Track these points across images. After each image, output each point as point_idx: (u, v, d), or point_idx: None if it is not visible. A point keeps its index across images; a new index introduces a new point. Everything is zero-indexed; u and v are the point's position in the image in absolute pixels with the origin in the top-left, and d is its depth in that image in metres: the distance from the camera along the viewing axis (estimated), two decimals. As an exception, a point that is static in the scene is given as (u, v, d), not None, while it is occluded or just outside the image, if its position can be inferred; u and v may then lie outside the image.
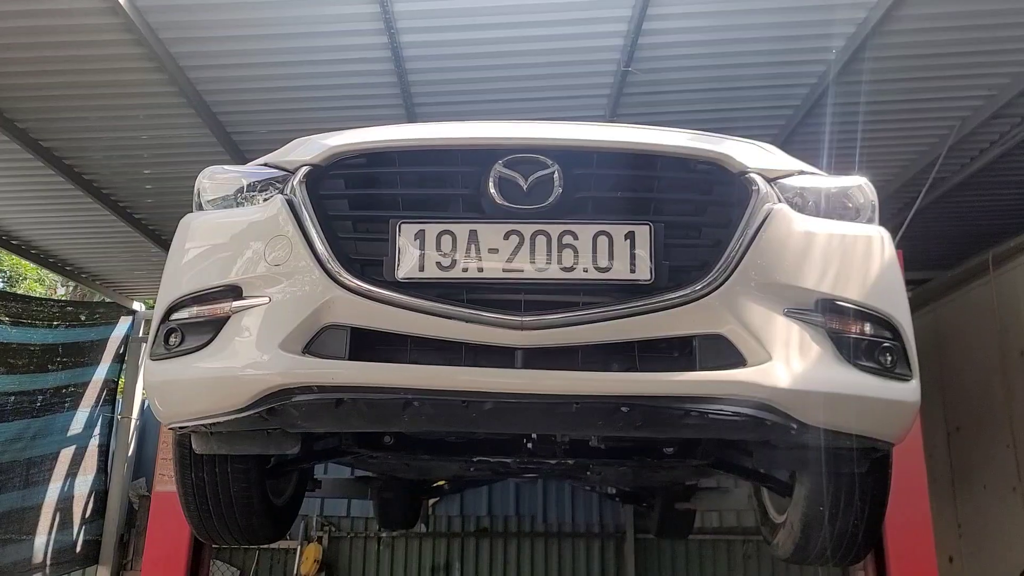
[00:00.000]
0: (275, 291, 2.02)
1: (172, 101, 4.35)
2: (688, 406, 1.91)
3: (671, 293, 1.91)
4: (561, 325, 1.90)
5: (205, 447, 2.44)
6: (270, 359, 1.95)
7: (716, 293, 1.92)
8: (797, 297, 2.00)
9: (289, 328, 1.96)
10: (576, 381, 1.90)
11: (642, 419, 1.97)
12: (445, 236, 1.95)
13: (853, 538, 2.58)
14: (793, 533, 2.65)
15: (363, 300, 1.94)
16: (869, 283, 2.12)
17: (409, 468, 3.97)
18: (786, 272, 2.00)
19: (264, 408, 1.99)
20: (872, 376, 2.04)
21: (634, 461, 2.87)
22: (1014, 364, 5.58)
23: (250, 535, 2.79)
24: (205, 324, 2.09)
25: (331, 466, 6.18)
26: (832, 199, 2.20)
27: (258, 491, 2.68)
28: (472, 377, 1.91)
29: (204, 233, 2.23)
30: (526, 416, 2.03)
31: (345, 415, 2.05)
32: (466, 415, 1.99)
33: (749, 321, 1.93)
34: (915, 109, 4.58)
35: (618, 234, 1.94)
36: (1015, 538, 5.55)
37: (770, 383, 1.89)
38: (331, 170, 2.08)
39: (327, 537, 7.84)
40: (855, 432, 2.07)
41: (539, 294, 1.96)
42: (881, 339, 2.08)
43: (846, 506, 2.51)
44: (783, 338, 1.96)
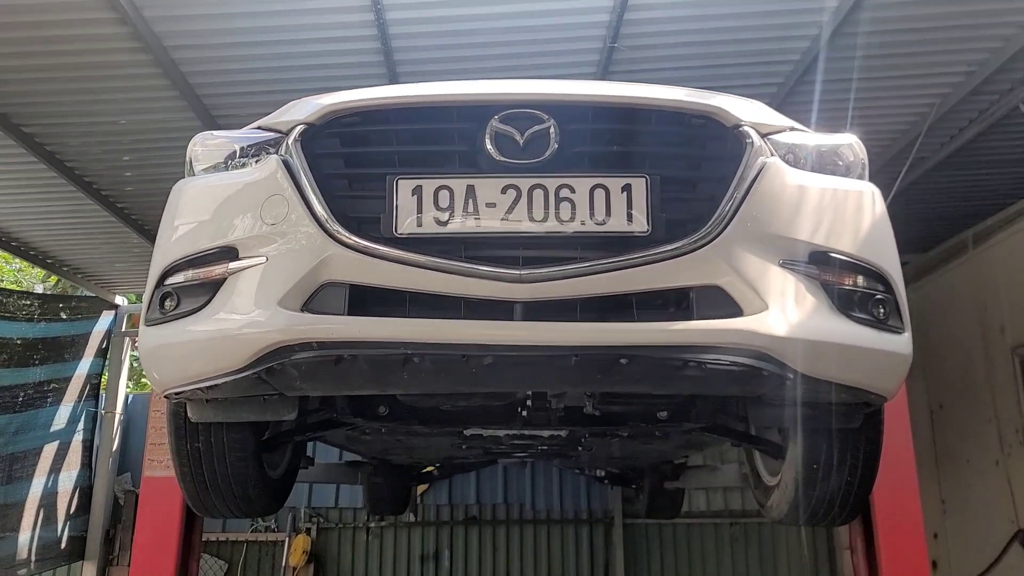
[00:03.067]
0: (272, 250, 2.01)
1: (155, 83, 4.32)
2: (687, 356, 1.93)
3: (668, 245, 1.92)
4: (560, 278, 1.91)
5: (201, 415, 2.44)
6: (269, 317, 1.94)
7: (712, 245, 1.94)
8: (792, 249, 2.02)
9: (287, 286, 1.95)
10: (575, 332, 1.91)
11: (641, 371, 1.98)
12: (443, 191, 1.95)
13: (846, 496, 2.61)
14: (787, 493, 2.68)
15: (361, 256, 1.93)
16: (861, 236, 2.15)
17: (401, 447, 3.98)
18: (781, 224, 2.02)
19: (263, 368, 1.98)
20: (866, 328, 2.06)
21: (628, 428, 2.89)
22: (995, 340, 5.67)
23: (246, 506, 2.77)
24: (201, 287, 2.08)
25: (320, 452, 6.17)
26: (823, 156, 2.23)
27: (254, 461, 2.67)
28: (472, 330, 1.91)
29: (197, 197, 2.21)
30: (525, 371, 2.04)
31: (345, 373, 2.05)
32: (466, 370, 2.00)
33: (745, 272, 1.95)
34: (897, 87, 4.63)
35: (615, 187, 1.95)
36: (998, 512, 5.63)
37: (767, 331, 1.91)
38: (326, 129, 2.07)
39: (315, 528, 7.84)
40: (849, 383, 2.09)
41: (537, 249, 1.96)
42: (874, 291, 2.10)
43: (839, 463, 2.54)
44: (779, 289, 1.98)
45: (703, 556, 7.80)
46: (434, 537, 7.89)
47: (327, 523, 7.89)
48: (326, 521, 7.89)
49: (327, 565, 7.80)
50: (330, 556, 7.82)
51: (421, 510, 7.91)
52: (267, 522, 7.87)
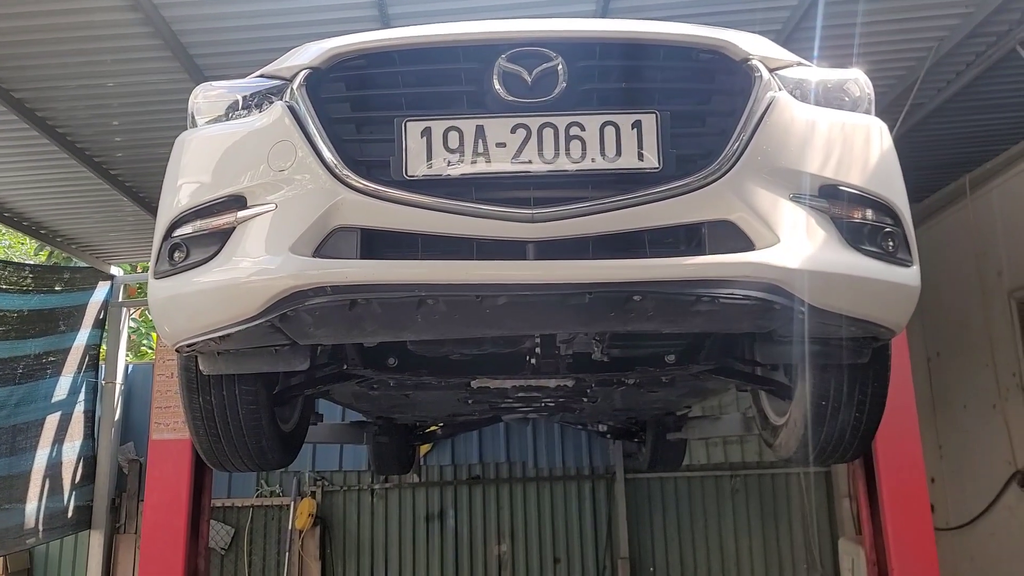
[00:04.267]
0: (281, 197, 2.00)
1: (145, 43, 4.25)
2: (699, 291, 1.93)
3: (679, 181, 1.92)
4: (571, 216, 1.90)
5: (212, 367, 2.44)
6: (281, 263, 1.94)
7: (723, 179, 1.94)
8: (802, 182, 2.02)
9: (298, 232, 1.94)
10: (589, 269, 1.91)
11: (654, 308, 1.99)
12: (452, 132, 1.94)
13: (854, 432, 2.64)
14: (796, 431, 2.71)
15: (372, 200, 1.93)
16: (870, 170, 2.15)
17: (407, 403, 4.00)
18: (791, 158, 2.02)
19: (277, 315, 1.98)
20: (875, 260, 2.08)
21: (636, 374, 2.90)
22: (992, 285, 5.70)
23: (260, 459, 2.79)
24: (210, 236, 2.07)
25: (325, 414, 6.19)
26: (830, 90, 2.23)
27: (267, 414, 2.68)
28: (485, 270, 1.91)
29: (202, 147, 2.20)
30: (539, 311, 2.05)
31: (358, 318, 2.05)
32: (480, 312, 2.00)
33: (756, 206, 1.95)
34: (895, 31, 4.60)
35: (625, 124, 1.94)
36: (995, 455, 5.72)
37: (779, 263, 1.92)
38: (331, 73, 2.06)
39: (320, 491, 7.91)
40: (859, 316, 2.10)
41: (548, 188, 1.96)
42: (883, 224, 2.11)
43: (848, 398, 2.56)
44: (790, 222, 1.98)
45: (704, 508, 7.92)
46: (438, 497, 7.97)
47: (332, 486, 7.96)
48: (331, 484, 7.96)
49: (333, 528, 7.88)
50: (336, 519, 7.90)
51: (424, 471, 7.98)
52: (272, 486, 7.93)
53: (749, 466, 7.97)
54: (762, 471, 7.95)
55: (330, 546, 7.81)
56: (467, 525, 7.91)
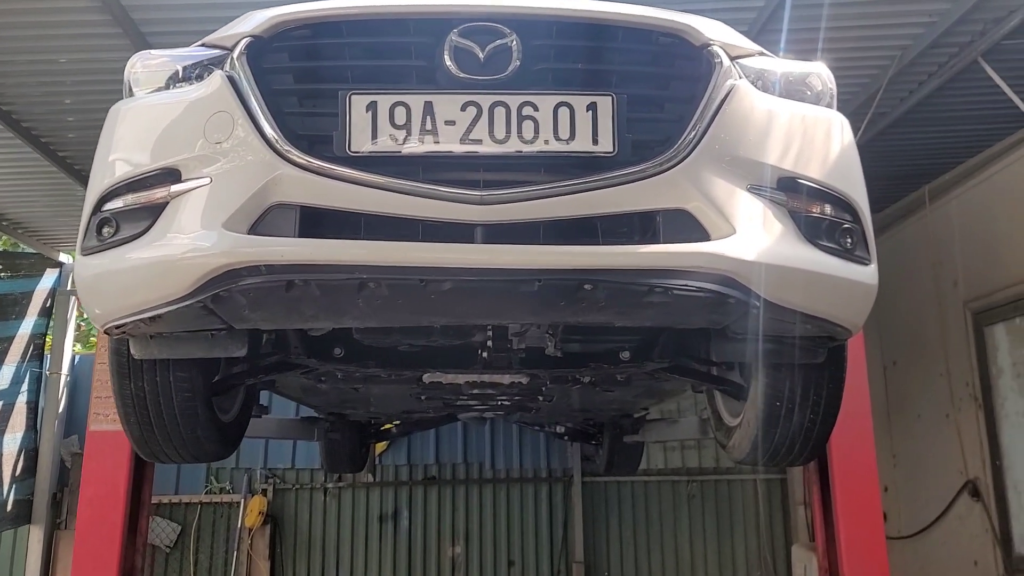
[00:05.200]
0: (217, 171, 1.91)
1: (96, 18, 4.10)
2: (652, 281, 1.87)
3: (634, 167, 1.87)
4: (522, 200, 1.84)
5: (145, 351, 2.33)
6: (214, 239, 1.84)
7: (680, 167, 1.89)
8: (760, 173, 1.98)
9: (233, 207, 1.86)
10: (538, 255, 1.84)
11: (605, 298, 1.93)
12: (399, 108, 1.86)
13: (808, 435, 2.60)
14: (749, 431, 2.66)
15: (312, 176, 1.85)
16: (830, 164, 2.12)
17: (358, 398, 3.90)
18: (749, 148, 1.98)
19: (209, 295, 1.89)
20: (833, 257, 2.04)
21: (590, 371, 2.84)
22: (948, 295, 5.75)
23: (196, 450, 2.67)
24: (142, 211, 1.97)
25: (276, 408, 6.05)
26: (792, 82, 2.19)
27: (203, 402, 2.56)
28: (430, 253, 1.83)
29: (136, 118, 2.09)
30: (486, 299, 1.97)
31: (296, 301, 1.96)
32: (424, 298, 1.92)
33: (713, 195, 1.90)
34: (859, 37, 4.61)
35: (580, 105, 1.87)
36: (948, 464, 5.76)
37: (734, 255, 1.87)
38: (274, 42, 1.96)
39: (272, 489, 7.76)
40: (814, 313, 2.06)
41: (499, 170, 1.89)
42: (841, 220, 2.08)
43: (802, 400, 2.52)
44: (746, 214, 1.93)
45: (661, 513, 7.89)
46: (393, 497, 7.85)
47: (284, 484, 7.80)
48: (282, 482, 7.80)
49: (284, 526, 7.72)
50: (287, 517, 7.74)
51: (379, 470, 7.86)
52: (222, 483, 7.75)
53: (706, 472, 7.97)
54: (719, 477, 7.95)
55: (280, 545, 7.65)
56: (421, 526, 7.80)
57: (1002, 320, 5.18)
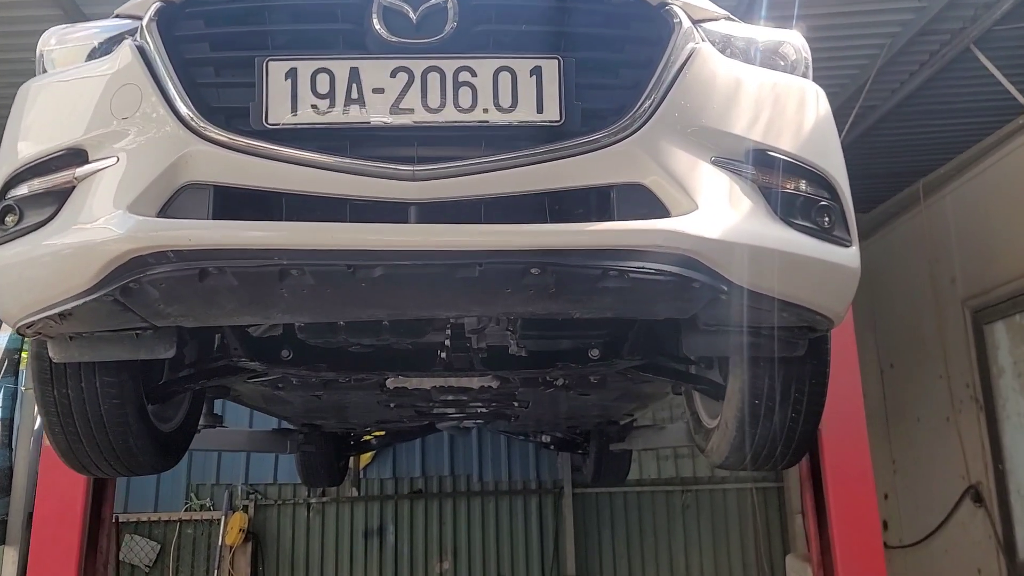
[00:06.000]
0: (124, 149, 1.73)
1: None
2: (606, 262, 1.69)
3: (584, 137, 1.70)
4: (459, 175, 1.67)
5: (64, 354, 2.13)
6: (116, 223, 1.66)
7: (635, 137, 1.71)
8: (725, 144, 1.80)
9: (139, 188, 1.68)
10: (478, 235, 1.66)
11: (555, 283, 1.74)
12: (321, 75, 1.68)
13: (791, 435, 2.41)
14: (728, 433, 2.46)
15: (226, 152, 1.67)
16: (804, 136, 1.94)
17: (325, 407, 3.72)
18: (713, 116, 1.80)
19: (116, 286, 1.71)
20: (809, 237, 1.86)
21: (559, 370, 2.64)
22: (945, 292, 5.56)
23: (129, 461, 2.47)
24: (46, 196, 1.80)
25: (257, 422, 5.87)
26: (763, 51, 2.02)
27: (134, 409, 2.36)
28: (357, 235, 1.65)
29: (44, 97, 1.93)
30: (423, 287, 1.78)
31: (213, 293, 1.77)
32: (354, 287, 1.74)
33: (672, 168, 1.73)
34: (845, 24, 4.44)
35: (523, 70, 1.70)
36: (949, 469, 5.56)
37: (696, 232, 1.69)
38: (187, 7, 1.79)
39: (253, 505, 7.60)
40: (791, 299, 1.88)
41: (434, 145, 1.71)
42: (817, 197, 1.90)
43: (783, 398, 2.33)
44: (710, 188, 1.76)
45: (654, 524, 7.74)
46: (378, 512, 7.69)
47: (265, 500, 7.64)
48: (264, 498, 7.64)
49: (266, 543, 7.53)
50: (269, 534, 7.55)
51: (364, 484, 7.72)
52: (202, 500, 7.55)
53: (700, 481, 7.81)
54: (713, 486, 7.78)
55: (263, 563, 7.44)
56: (408, 541, 7.64)
57: (1001, 318, 5.00)
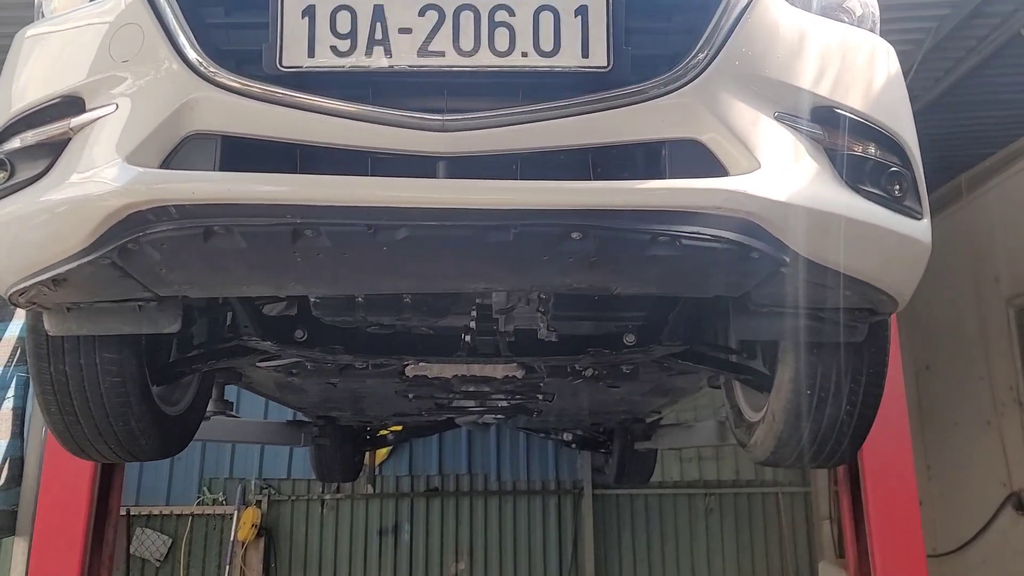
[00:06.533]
0: (124, 95, 1.58)
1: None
2: (657, 226, 1.52)
3: (634, 86, 1.53)
4: (494, 125, 1.51)
5: (61, 327, 1.98)
6: (113, 175, 1.51)
7: (692, 86, 1.54)
8: (789, 99, 1.63)
9: (140, 137, 1.53)
10: (515, 192, 1.49)
11: (597, 250, 1.57)
12: (342, 12, 1.52)
13: (843, 431, 2.22)
14: (774, 427, 2.27)
15: (236, 99, 1.52)
16: (874, 94, 1.76)
17: (341, 397, 3.56)
18: (776, 67, 1.63)
19: (113, 246, 1.56)
20: (878, 206, 1.69)
21: (590, 357, 2.46)
22: (989, 291, 5.33)
23: (131, 446, 2.31)
24: (40, 149, 1.65)
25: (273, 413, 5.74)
26: (827, 4, 1.83)
27: (137, 389, 2.20)
28: (380, 190, 1.48)
29: (39, 42, 1.78)
30: (451, 253, 1.61)
31: (221, 257, 1.62)
32: (374, 251, 1.57)
33: (732, 122, 1.56)
34: (891, 5, 4.22)
35: (566, 9, 1.53)
36: (989, 475, 5.32)
37: (760, 194, 1.52)
38: (197, -62, 1.62)
39: (266, 500, 7.49)
40: (858, 275, 1.70)
41: (467, 95, 1.55)
42: (889, 163, 1.72)
43: (837, 388, 2.14)
44: (773, 146, 1.58)
45: (676, 528, 7.57)
46: (393, 510, 7.56)
47: (279, 495, 7.53)
48: (278, 493, 7.53)
49: (279, 539, 7.40)
50: (282, 530, 7.43)
51: (379, 481, 7.60)
52: (215, 494, 7.42)
53: (725, 484, 7.63)
54: (738, 490, 7.59)
55: (275, 559, 7.32)
56: (423, 540, 7.50)
57: (1049, 317, 4.76)
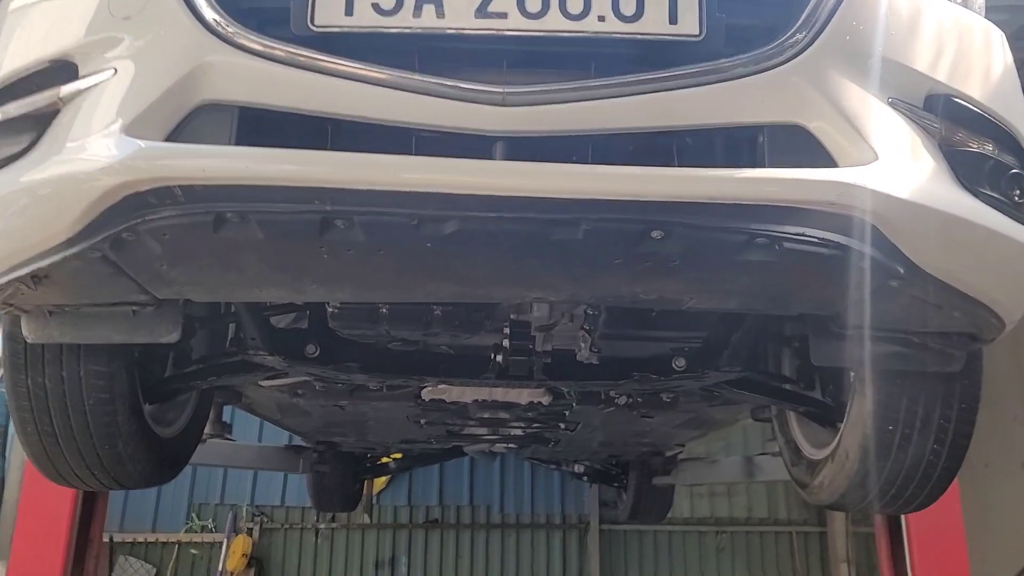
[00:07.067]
0: (125, 57, 1.35)
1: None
2: (756, 226, 1.29)
3: (730, 59, 1.30)
4: (564, 100, 1.30)
5: (42, 333, 1.72)
6: (107, 149, 1.28)
7: (796, 62, 1.34)
8: (904, 83, 1.41)
9: (142, 105, 1.30)
10: (590, 179, 1.26)
11: (681, 252, 1.34)
12: (387, -36, 1.29)
13: (927, 471, 1.98)
14: (847, 467, 2.01)
15: (258, 62, 1.31)
16: (992, 84, 1.54)
17: (346, 421, 3.31)
18: (891, 44, 1.42)
19: (106, 236, 1.33)
20: (996, 212, 1.44)
21: (634, 384, 2.20)
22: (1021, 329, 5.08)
23: (118, 472, 2.04)
24: (23, 123, 1.41)
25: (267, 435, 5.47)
26: None
27: (126, 407, 1.94)
28: (429, 172, 1.25)
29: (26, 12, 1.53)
30: (506, 251, 1.37)
31: (233, 251, 1.38)
32: (417, 247, 1.33)
33: (844, 105, 1.34)
34: None
35: (651, -34, 1.30)
36: (1022, 521, 5.04)
37: (882, 189, 1.28)
38: None
39: (258, 529, 7.25)
40: (971, 291, 1.47)
41: (530, 66, 1.34)
42: (1007, 164, 1.49)
43: (924, 424, 1.90)
44: (890, 136, 1.36)
45: (686, 567, 7.39)
46: (391, 541, 7.33)
47: (271, 523, 7.30)
48: (270, 521, 7.30)
49: (270, 570, 7.18)
50: (273, 560, 7.22)
51: (377, 511, 7.38)
52: (204, 520, 7.13)
53: (737, 522, 7.43)
54: (751, 528, 7.38)
55: (265, 591, 7.00)
56: (421, 574, 7.26)
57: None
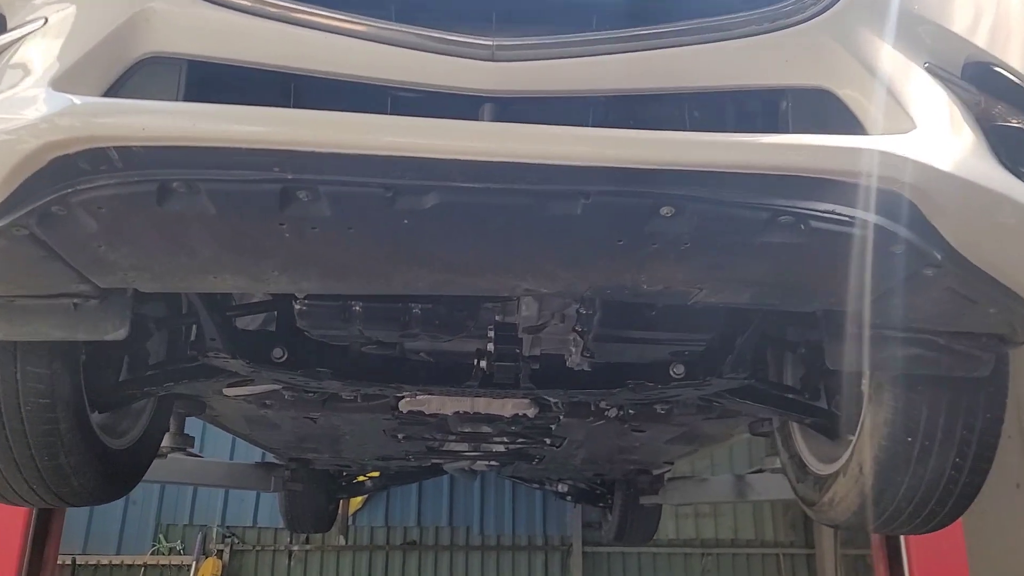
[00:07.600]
0: (55, 4, 1.17)
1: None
2: (779, 201, 1.13)
3: (749, 11, 1.15)
4: (560, 56, 1.14)
5: (-31, 329, 1.53)
6: (30, 105, 1.09)
7: (823, 18, 1.20)
8: (941, 47, 1.27)
9: (73, 56, 1.14)
10: (591, 144, 1.10)
11: (692, 232, 1.18)
12: None
13: (949, 487, 1.80)
14: (860, 482, 1.84)
15: (210, 9, 1.15)
16: (1033, 55, 1.38)
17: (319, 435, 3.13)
18: (929, 4, 1.25)
19: (31, 208, 1.15)
20: None
21: (628, 392, 2.03)
22: (1017, 344, 4.98)
23: (59, 487, 1.83)
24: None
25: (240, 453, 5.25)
26: None
27: (70, 414, 1.74)
28: (404, 136, 1.08)
29: None
30: (495, 231, 1.20)
31: (180, 228, 1.20)
32: (390, 225, 1.17)
33: (876, 67, 1.19)
34: None
35: (660, -92, 1.16)
36: (1019, 542, 4.91)
37: (923, 159, 1.12)
38: None
39: (229, 550, 7.00)
40: (1012, 284, 1.31)
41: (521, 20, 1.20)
42: (1045, 142, 1.33)
43: (946, 435, 1.73)
44: (927, 103, 1.22)
45: (671, 590, 7.08)
46: (367, 563, 7.11)
47: (243, 545, 7.05)
48: (241, 543, 7.06)
49: (240, 594, 6.84)
50: (244, 583, 6.87)
51: (352, 532, 7.14)
52: (172, 542, 6.88)
53: (723, 543, 7.28)
54: (737, 550, 7.27)
55: (236, 616, 6.74)
56: (399, 598, 7.04)
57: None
